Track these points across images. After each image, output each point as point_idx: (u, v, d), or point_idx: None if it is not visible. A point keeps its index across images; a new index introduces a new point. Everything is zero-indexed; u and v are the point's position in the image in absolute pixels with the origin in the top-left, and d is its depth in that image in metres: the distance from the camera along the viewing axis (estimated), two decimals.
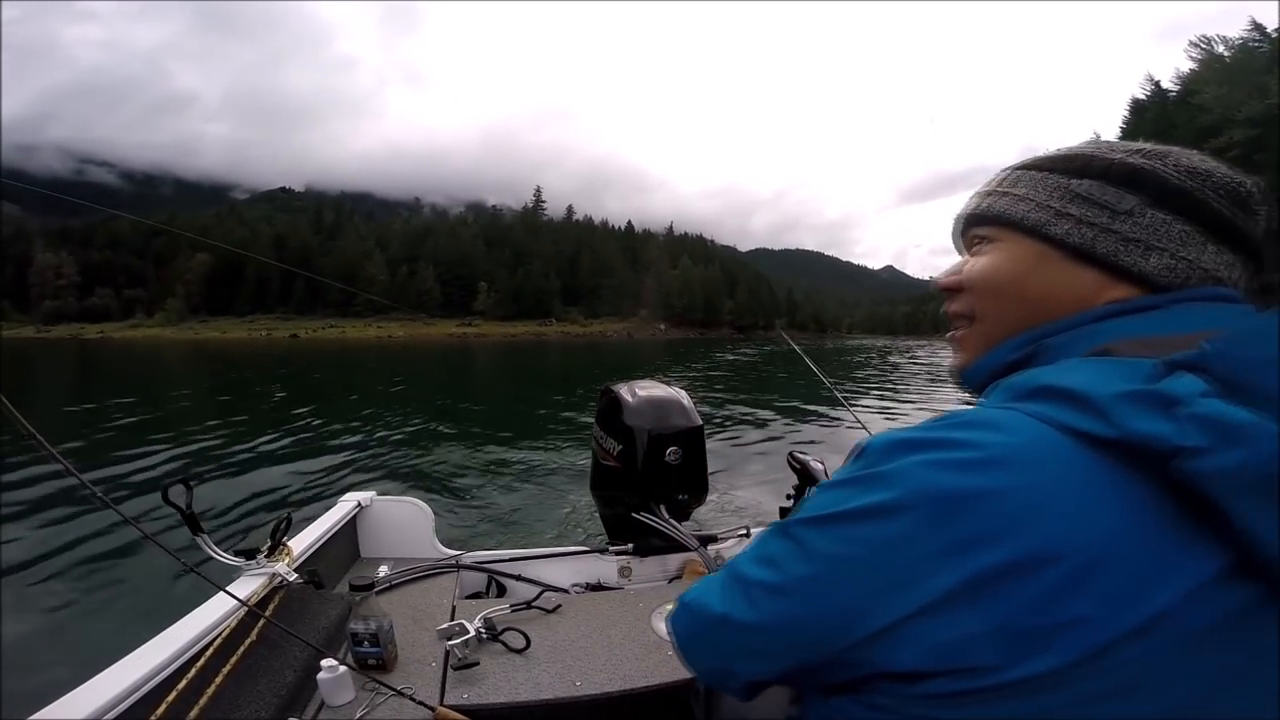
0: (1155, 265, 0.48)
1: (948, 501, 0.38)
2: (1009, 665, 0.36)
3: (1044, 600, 0.35)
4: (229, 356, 35.65)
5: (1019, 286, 0.53)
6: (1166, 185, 0.49)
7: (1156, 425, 0.35)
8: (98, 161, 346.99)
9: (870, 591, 0.40)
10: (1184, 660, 0.35)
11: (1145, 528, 0.36)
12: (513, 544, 2.81)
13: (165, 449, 7.29)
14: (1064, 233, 0.51)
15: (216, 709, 1.04)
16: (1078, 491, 0.36)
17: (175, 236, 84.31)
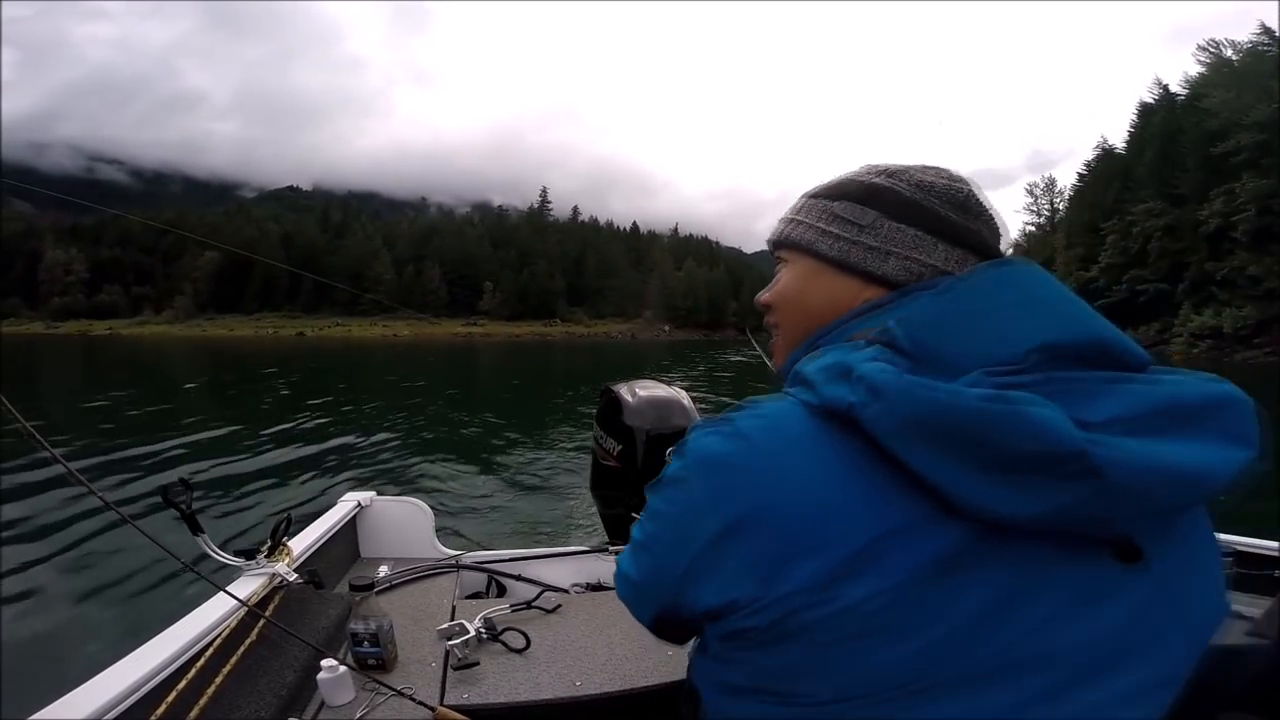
0: (893, 267, 0.57)
1: (709, 463, 0.48)
2: (763, 598, 0.43)
3: (773, 540, 0.43)
4: (235, 354, 35.82)
5: (801, 298, 0.63)
6: (899, 198, 0.58)
7: (838, 390, 0.44)
8: (108, 159, 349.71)
9: (678, 539, 0.49)
10: (924, 600, 0.40)
11: (849, 478, 0.43)
12: (513, 544, 2.82)
13: (166, 448, 7.36)
14: (827, 248, 0.60)
15: (217, 709, 1.04)
16: (799, 452, 0.45)
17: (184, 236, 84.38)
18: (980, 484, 0.40)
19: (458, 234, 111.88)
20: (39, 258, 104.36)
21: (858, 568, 0.41)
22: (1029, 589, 0.41)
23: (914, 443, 0.40)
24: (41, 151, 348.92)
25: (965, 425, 0.39)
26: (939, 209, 0.58)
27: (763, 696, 0.46)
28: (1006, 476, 0.39)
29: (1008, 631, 0.41)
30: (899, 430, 0.41)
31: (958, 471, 0.40)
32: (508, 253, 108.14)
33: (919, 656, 0.41)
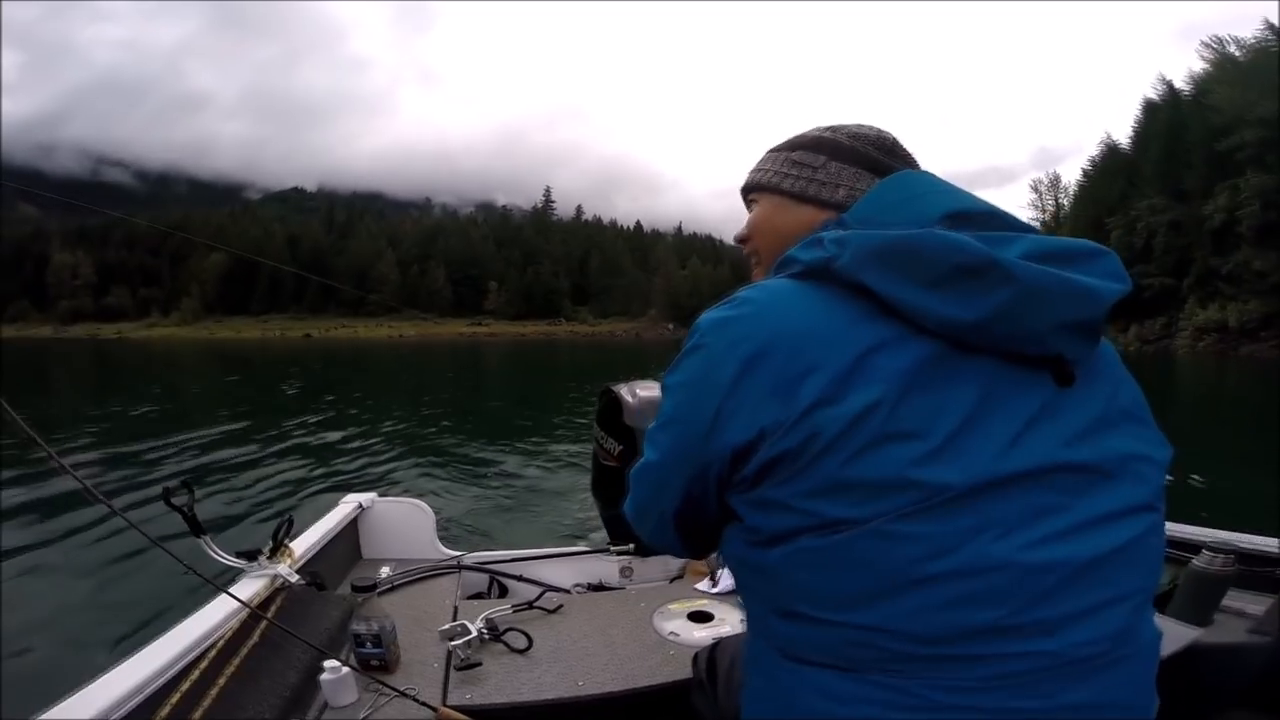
0: (842, 196, 0.73)
1: (721, 323, 0.59)
2: (787, 419, 0.52)
3: (785, 363, 0.53)
4: (242, 356, 35.99)
5: (772, 226, 0.78)
6: (840, 145, 0.75)
7: (814, 253, 0.59)
8: (113, 161, 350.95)
9: (703, 393, 0.58)
10: (917, 405, 0.51)
11: (834, 312, 0.56)
12: (514, 544, 2.82)
13: (168, 449, 7.37)
14: (790, 186, 0.76)
15: (219, 710, 1.04)
16: (792, 301, 0.58)
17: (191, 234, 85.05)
18: (929, 297, 0.52)
19: (462, 234, 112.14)
20: (46, 261, 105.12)
21: (855, 378, 0.51)
22: (999, 399, 0.52)
23: (874, 271, 0.54)
24: (48, 154, 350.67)
25: (907, 250, 0.53)
26: (870, 151, 0.74)
27: (805, 535, 0.52)
28: (947, 288, 0.51)
29: (993, 439, 0.51)
30: (862, 264, 0.54)
31: (911, 288, 0.52)
32: (512, 252, 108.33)
33: (930, 458, 0.50)
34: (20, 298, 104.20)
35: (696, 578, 1.83)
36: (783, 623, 0.56)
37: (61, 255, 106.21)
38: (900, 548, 0.49)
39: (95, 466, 6.47)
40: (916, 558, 0.49)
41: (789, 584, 0.54)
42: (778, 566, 0.54)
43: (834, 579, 0.51)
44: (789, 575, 0.54)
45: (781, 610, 0.56)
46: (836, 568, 0.51)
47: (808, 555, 0.52)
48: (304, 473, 6.24)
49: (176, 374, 23.43)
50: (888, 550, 0.49)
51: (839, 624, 0.51)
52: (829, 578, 0.52)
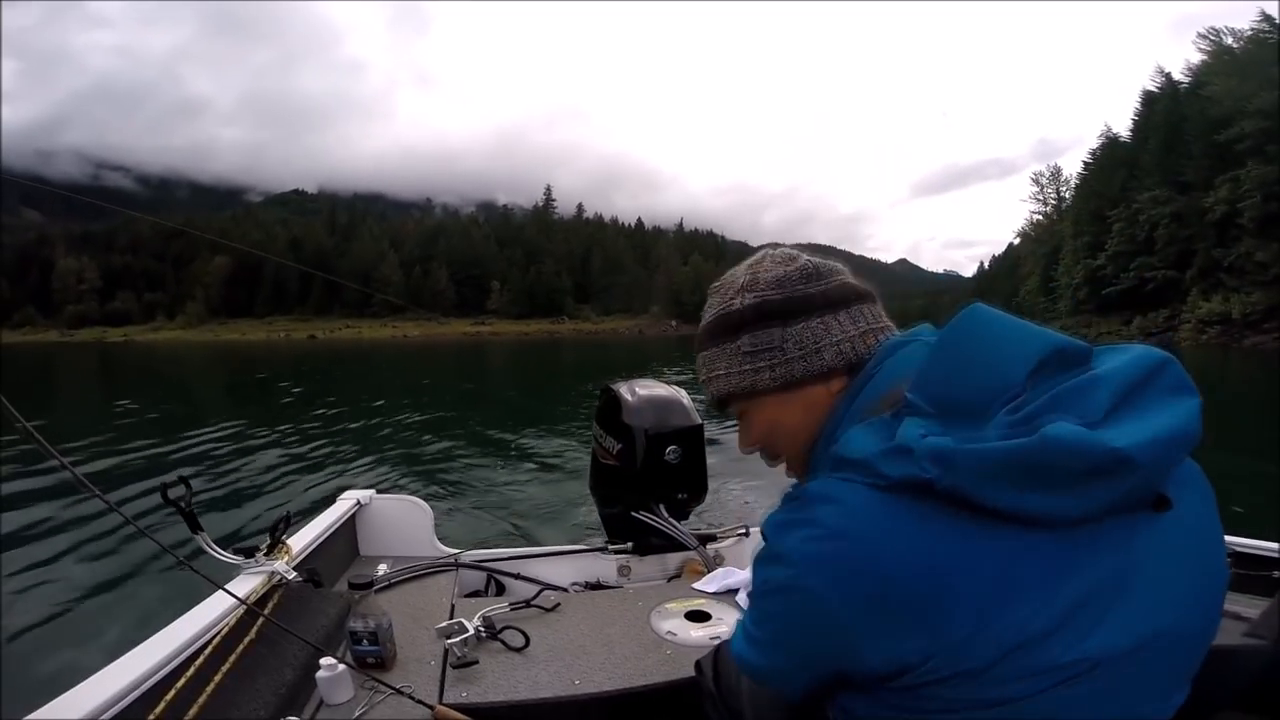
0: (831, 358, 0.66)
1: (820, 563, 0.54)
2: (936, 650, 0.50)
3: (913, 598, 0.51)
4: (248, 357, 36.08)
5: (782, 427, 0.71)
6: (780, 308, 0.67)
7: (908, 468, 0.51)
8: (114, 166, 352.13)
9: (815, 639, 0.56)
10: (1058, 592, 0.50)
11: (946, 535, 0.51)
12: (512, 542, 2.82)
13: (168, 448, 7.39)
14: (768, 383, 0.68)
15: (215, 707, 1.05)
16: (893, 528, 0.52)
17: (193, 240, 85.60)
18: (1055, 501, 0.48)
19: (464, 234, 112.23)
20: (51, 266, 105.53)
21: (995, 597, 0.49)
22: (1125, 566, 0.51)
23: (994, 488, 0.48)
24: (48, 160, 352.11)
25: (1033, 464, 0.47)
26: (807, 290, 0.67)
27: (968, 710, 0.52)
28: (1076, 490, 0.48)
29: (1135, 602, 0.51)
30: (979, 484, 0.49)
31: (1035, 497, 0.48)
32: (514, 252, 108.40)
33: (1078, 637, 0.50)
34: (26, 304, 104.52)
35: (694, 577, 1.82)
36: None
37: (66, 260, 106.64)
38: (1067, 712, 0.51)
39: (95, 464, 6.49)
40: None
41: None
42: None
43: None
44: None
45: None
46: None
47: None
48: (302, 470, 6.24)
49: (183, 375, 23.50)
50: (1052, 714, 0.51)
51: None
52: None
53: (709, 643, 1.44)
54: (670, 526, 1.90)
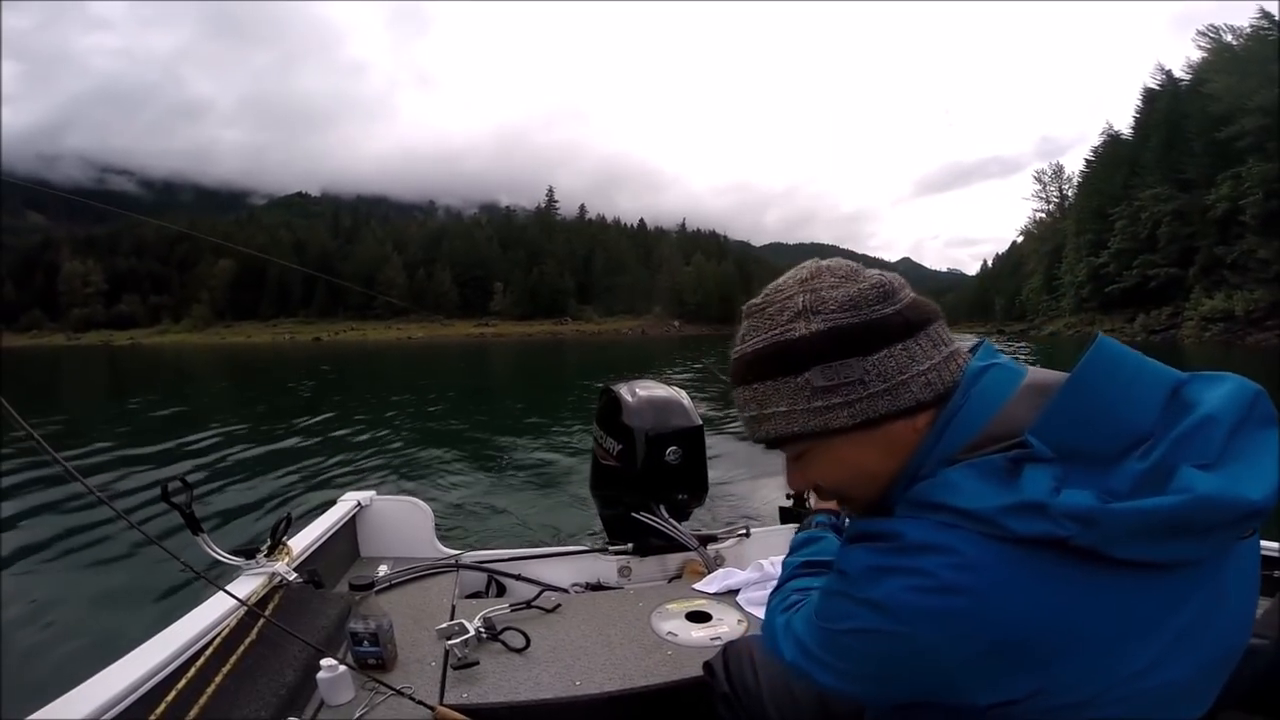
0: (919, 390, 0.57)
1: (935, 617, 0.51)
2: (1049, 689, 0.50)
3: (1036, 650, 0.50)
4: (253, 360, 36.18)
5: (857, 469, 0.62)
6: (858, 336, 0.57)
7: (1041, 526, 0.48)
8: (118, 170, 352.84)
9: (923, 677, 0.54)
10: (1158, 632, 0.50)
11: (1072, 592, 0.50)
12: (512, 544, 2.82)
13: (170, 448, 7.37)
14: (846, 421, 0.58)
15: (216, 708, 1.05)
16: (1006, 582, 0.49)
17: (198, 243, 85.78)
18: (1181, 549, 0.49)
19: (467, 236, 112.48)
20: (57, 270, 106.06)
21: (1110, 642, 0.50)
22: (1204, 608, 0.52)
23: (1133, 546, 0.48)
24: (51, 163, 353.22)
25: (1180, 523, 0.47)
26: (884, 312, 0.58)
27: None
28: (1203, 538, 0.49)
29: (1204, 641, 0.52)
30: (1118, 542, 0.48)
31: (1171, 547, 0.48)
32: (517, 253, 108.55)
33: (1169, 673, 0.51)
34: (33, 307, 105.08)
35: (695, 578, 1.82)
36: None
37: (72, 264, 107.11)
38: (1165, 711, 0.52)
39: (95, 465, 6.49)
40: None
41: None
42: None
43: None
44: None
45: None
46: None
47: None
48: (303, 471, 6.22)
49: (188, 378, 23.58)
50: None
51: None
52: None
53: (710, 643, 1.44)
54: (670, 527, 1.90)
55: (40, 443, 0.81)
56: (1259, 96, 34.11)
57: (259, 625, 1.25)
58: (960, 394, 0.58)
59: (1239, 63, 37.96)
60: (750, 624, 1.54)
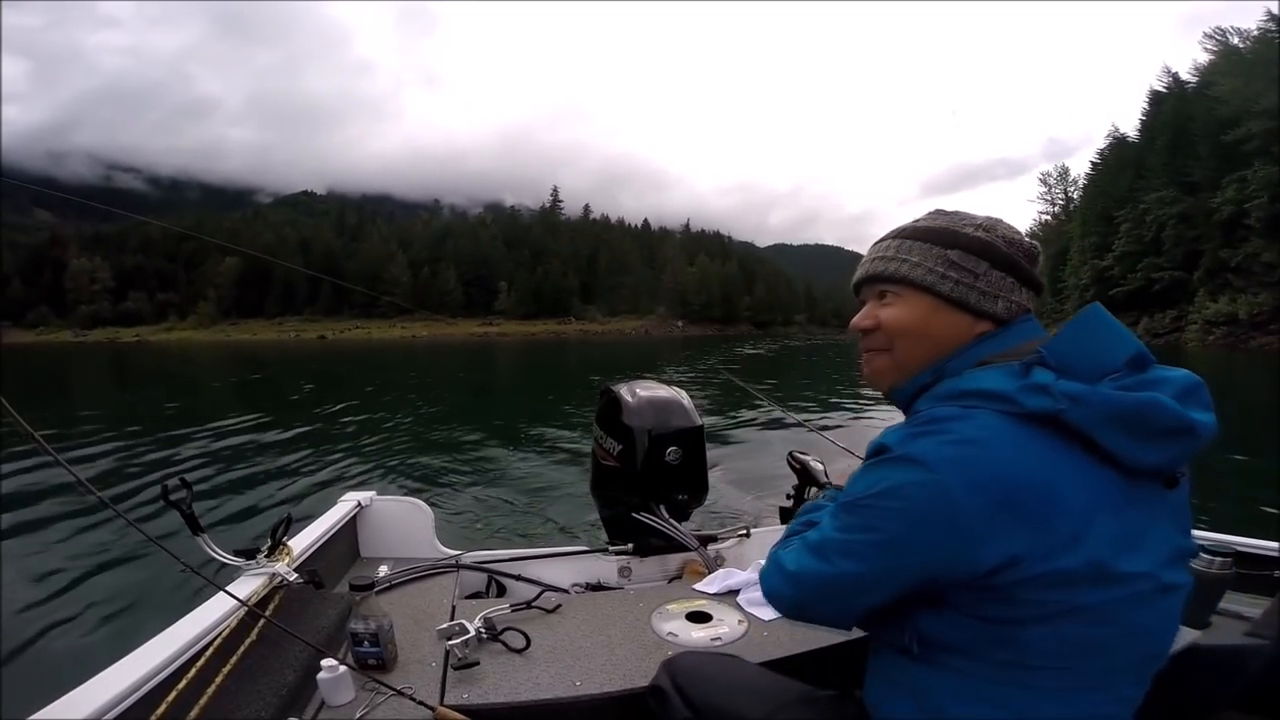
0: (1001, 308, 0.79)
1: (955, 462, 0.66)
2: (1044, 549, 0.64)
3: (1035, 504, 0.64)
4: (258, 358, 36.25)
5: (924, 329, 0.81)
6: (999, 254, 0.79)
7: (1044, 401, 0.66)
8: (125, 167, 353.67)
9: (946, 527, 0.66)
10: (1127, 520, 0.67)
11: (1061, 461, 0.66)
12: (512, 544, 2.82)
13: (171, 448, 7.38)
14: (949, 290, 0.79)
15: (216, 709, 1.05)
16: (1022, 446, 0.66)
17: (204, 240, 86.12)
18: (1142, 449, 0.65)
19: (472, 235, 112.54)
20: (64, 267, 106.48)
21: (1093, 517, 0.65)
22: (1155, 515, 0.70)
23: (1107, 430, 0.65)
24: (60, 161, 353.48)
25: (1139, 416, 0.64)
26: (1023, 263, 0.80)
27: (1058, 620, 0.66)
28: (1158, 442, 0.65)
29: (1158, 544, 0.69)
30: (1097, 423, 0.65)
31: (1130, 443, 0.65)
32: (521, 252, 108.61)
33: (1133, 559, 0.67)
34: (40, 304, 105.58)
35: (695, 578, 1.82)
36: (1022, 672, 0.69)
37: (79, 261, 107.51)
38: (1134, 615, 0.68)
39: (96, 465, 6.51)
40: (1140, 626, 0.69)
41: (1040, 649, 0.68)
42: (1034, 640, 0.67)
43: (1083, 640, 0.67)
44: (1042, 644, 0.67)
45: (1025, 664, 0.69)
46: (1086, 632, 0.67)
47: (1065, 631, 0.67)
48: (303, 471, 6.23)
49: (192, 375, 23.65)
50: (1126, 617, 0.67)
51: (1078, 669, 0.68)
52: (1079, 641, 0.67)
53: (710, 644, 1.44)
54: (671, 527, 1.90)
55: (40, 443, 0.81)
56: (1265, 99, 33.86)
57: (259, 626, 1.25)
58: (1013, 327, 0.79)
59: (1245, 65, 37.74)
60: (750, 624, 1.53)
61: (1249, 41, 40.00)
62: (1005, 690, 0.70)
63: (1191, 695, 1.23)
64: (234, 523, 4.54)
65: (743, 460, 6.27)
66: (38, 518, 4.63)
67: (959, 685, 0.73)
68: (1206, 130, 38.57)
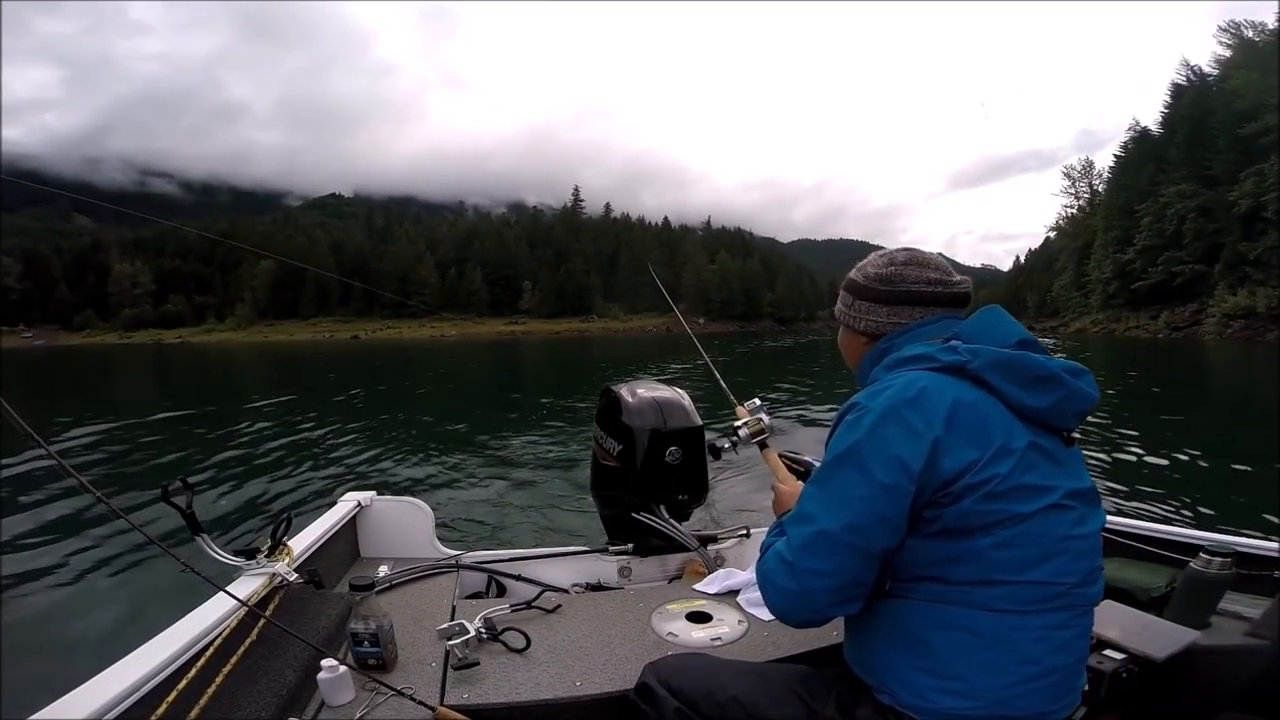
0: (863, 326, 1.09)
1: (913, 401, 0.88)
2: (985, 456, 0.85)
3: (973, 421, 0.87)
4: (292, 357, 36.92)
5: (843, 345, 1.16)
6: (857, 287, 1.10)
7: (953, 357, 0.91)
8: (158, 172, 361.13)
9: (917, 445, 0.85)
10: (1022, 468, 0.86)
11: (978, 395, 0.89)
12: (512, 544, 2.81)
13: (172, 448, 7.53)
14: (840, 318, 1.14)
15: (217, 709, 1.06)
16: (956, 388, 0.89)
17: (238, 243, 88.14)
18: (1021, 393, 0.89)
19: (497, 236, 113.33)
20: (107, 271, 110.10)
21: (1013, 429, 0.88)
22: (1046, 454, 0.89)
23: (994, 374, 0.89)
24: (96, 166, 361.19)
25: (1013, 364, 0.89)
26: (877, 287, 1.07)
27: (1001, 526, 0.84)
28: (1032, 388, 0.89)
29: (1063, 473, 0.90)
30: (987, 369, 0.89)
31: (1012, 387, 0.89)
32: (544, 252, 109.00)
33: (1054, 475, 0.89)
34: (86, 307, 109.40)
35: (695, 578, 1.81)
36: (982, 589, 0.85)
37: (121, 265, 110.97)
38: (1055, 527, 0.86)
39: (97, 464, 6.63)
40: (1061, 535, 0.86)
41: (991, 561, 0.85)
42: (985, 550, 0.85)
43: (1022, 552, 0.85)
44: (991, 554, 0.84)
45: (983, 580, 0.85)
46: (1023, 544, 0.85)
47: (1005, 538, 0.84)
48: (303, 471, 6.28)
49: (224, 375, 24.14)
50: (1049, 529, 0.86)
51: (1024, 582, 0.85)
52: (1019, 552, 0.85)
53: (710, 644, 1.44)
54: (671, 527, 1.89)
55: (40, 443, 0.80)
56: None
57: (259, 626, 1.27)
58: (896, 333, 1.05)
59: (1262, 58, 36.92)
60: (750, 624, 1.52)
61: (1264, 35, 39.31)
62: (972, 614, 0.85)
63: (1191, 695, 1.24)
64: (234, 523, 4.56)
65: (743, 460, 6.20)
66: (38, 517, 4.70)
67: (929, 612, 0.88)
68: (1225, 124, 38.02)
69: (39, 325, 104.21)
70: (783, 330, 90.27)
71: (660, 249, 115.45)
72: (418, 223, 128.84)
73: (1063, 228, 67.08)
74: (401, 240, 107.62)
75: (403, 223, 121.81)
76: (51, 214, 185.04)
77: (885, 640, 0.92)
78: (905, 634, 0.89)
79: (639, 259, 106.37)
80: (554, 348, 43.40)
